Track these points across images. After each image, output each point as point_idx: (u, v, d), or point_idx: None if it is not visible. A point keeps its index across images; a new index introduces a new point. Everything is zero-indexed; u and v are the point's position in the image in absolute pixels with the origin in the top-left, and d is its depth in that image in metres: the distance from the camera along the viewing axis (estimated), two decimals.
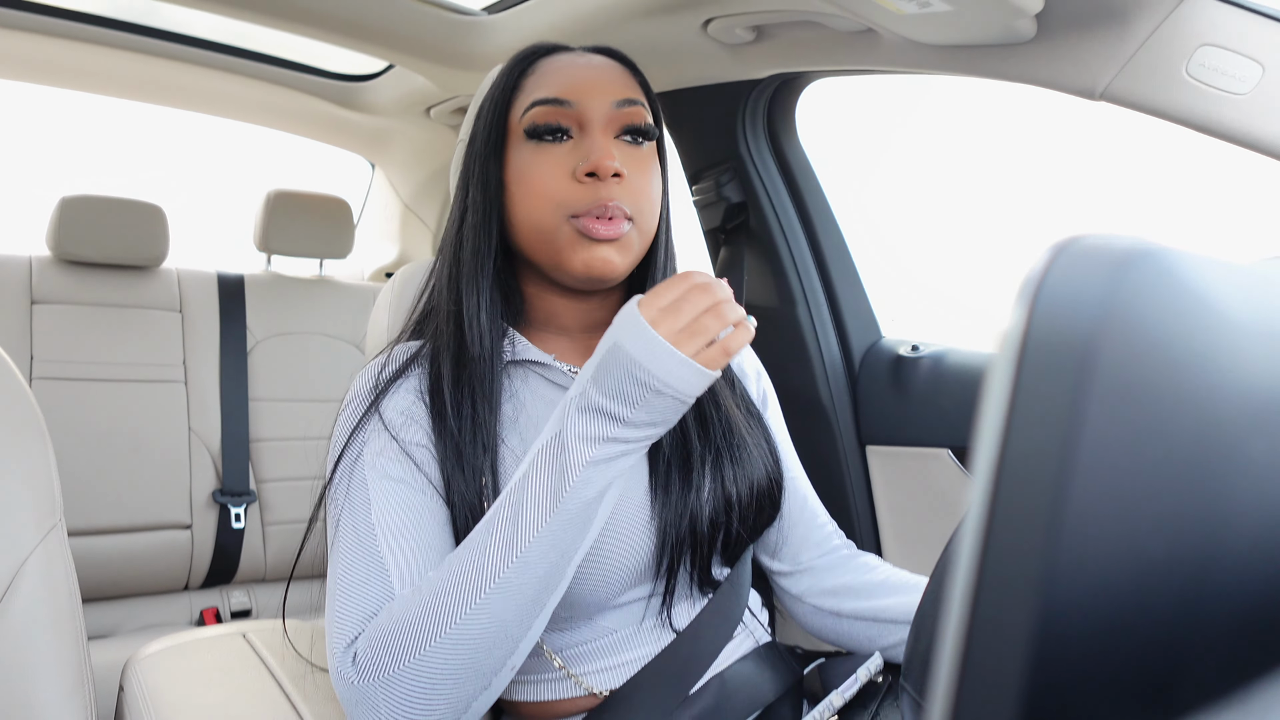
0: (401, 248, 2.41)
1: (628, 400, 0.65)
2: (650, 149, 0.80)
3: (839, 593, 0.90)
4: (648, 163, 0.79)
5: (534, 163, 0.77)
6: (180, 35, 1.75)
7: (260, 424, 1.88)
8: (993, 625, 0.22)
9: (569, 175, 0.75)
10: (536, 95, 0.78)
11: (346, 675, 0.65)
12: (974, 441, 0.24)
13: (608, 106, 0.77)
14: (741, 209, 1.49)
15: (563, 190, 0.75)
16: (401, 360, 0.80)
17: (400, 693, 0.63)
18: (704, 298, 0.66)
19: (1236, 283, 0.25)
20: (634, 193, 0.77)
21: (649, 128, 0.79)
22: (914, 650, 0.60)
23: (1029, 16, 0.91)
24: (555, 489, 0.65)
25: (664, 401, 0.65)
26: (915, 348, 1.38)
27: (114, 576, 1.69)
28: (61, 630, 0.76)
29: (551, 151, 0.77)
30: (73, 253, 1.76)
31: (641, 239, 0.78)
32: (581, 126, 0.77)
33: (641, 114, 0.79)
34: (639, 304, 0.67)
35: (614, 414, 0.65)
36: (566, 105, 0.77)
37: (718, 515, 0.79)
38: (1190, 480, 0.23)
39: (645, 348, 0.65)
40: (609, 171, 0.74)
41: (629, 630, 0.78)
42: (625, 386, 0.65)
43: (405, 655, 0.63)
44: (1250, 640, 0.24)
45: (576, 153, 0.76)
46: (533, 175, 0.76)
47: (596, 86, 0.78)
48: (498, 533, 0.65)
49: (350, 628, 0.67)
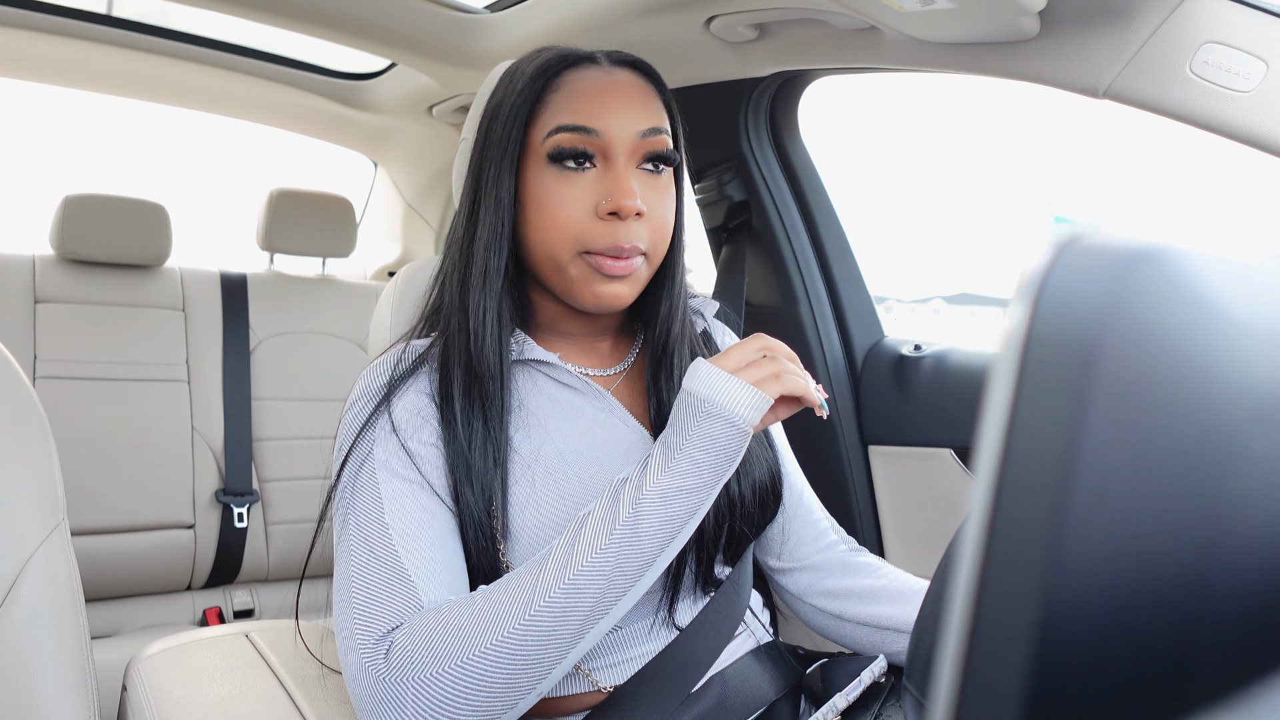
0: (404, 246, 2.41)
1: (683, 431, 0.69)
2: (669, 174, 0.80)
3: (841, 596, 0.90)
4: (666, 191, 0.79)
5: (555, 191, 0.75)
6: (183, 34, 1.75)
7: (263, 423, 1.88)
8: (995, 626, 0.22)
9: (590, 210, 0.75)
10: (562, 119, 0.76)
11: (376, 669, 0.64)
12: (976, 441, 0.24)
13: (633, 136, 0.76)
14: (744, 208, 1.49)
15: (581, 224, 0.75)
16: (412, 359, 0.80)
17: (432, 695, 0.63)
18: (771, 364, 0.70)
19: (1240, 281, 0.25)
20: (652, 227, 0.77)
21: (670, 154, 0.78)
22: (917, 651, 0.60)
23: (1032, 14, 0.91)
24: (610, 518, 0.67)
25: (718, 428, 0.68)
26: (918, 347, 1.38)
27: (117, 576, 1.70)
28: (64, 629, 0.76)
29: (574, 181, 0.75)
30: (76, 252, 1.77)
31: (651, 268, 0.79)
32: (605, 155, 0.76)
33: (665, 142, 0.78)
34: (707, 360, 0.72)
35: (671, 445, 0.69)
36: (592, 134, 0.75)
37: (721, 514, 0.79)
38: (1193, 480, 0.23)
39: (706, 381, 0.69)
40: (630, 212, 0.74)
41: (633, 627, 0.78)
42: (681, 416, 0.69)
43: (448, 657, 0.63)
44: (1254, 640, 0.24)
45: (599, 186, 0.75)
46: (553, 204, 0.75)
47: (623, 112, 0.76)
48: (555, 553, 0.67)
49: (378, 623, 0.66)
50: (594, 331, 0.85)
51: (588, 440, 0.79)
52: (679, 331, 0.84)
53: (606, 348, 0.87)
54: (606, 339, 0.87)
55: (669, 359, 0.83)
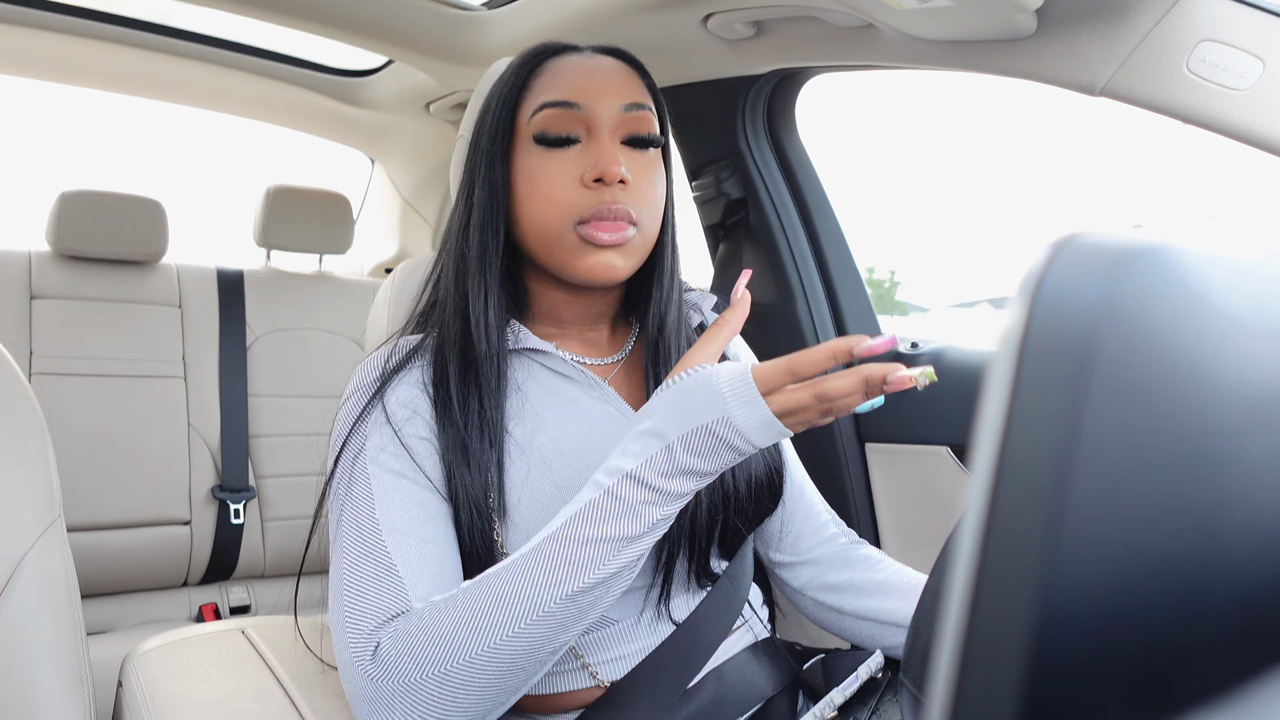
0: (401, 243, 2.40)
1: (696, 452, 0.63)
2: (655, 155, 0.81)
3: (841, 589, 0.90)
4: (653, 169, 0.80)
5: (542, 168, 0.77)
6: (180, 30, 1.74)
7: (259, 420, 1.87)
8: (992, 622, 0.22)
9: (576, 181, 0.76)
10: (545, 97, 0.78)
11: (366, 670, 0.65)
12: (973, 439, 0.24)
13: (616, 110, 0.78)
14: (741, 205, 1.49)
15: (570, 196, 0.76)
16: (405, 351, 0.80)
17: (420, 699, 0.63)
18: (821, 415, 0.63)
19: (1237, 280, 0.25)
20: (638, 198, 0.78)
21: (654, 136, 0.80)
22: (914, 646, 0.60)
23: (1029, 11, 0.91)
24: (626, 535, 0.64)
25: (728, 457, 0.64)
26: (915, 345, 1.38)
27: (113, 572, 1.69)
28: (60, 625, 0.76)
29: (560, 157, 0.77)
30: (72, 248, 1.76)
31: (644, 243, 0.79)
32: (589, 130, 0.78)
33: (649, 120, 0.80)
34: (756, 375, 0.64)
35: (694, 469, 0.64)
36: (575, 108, 0.77)
37: (715, 508, 0.79)
38: (1189, 477, 0.23)
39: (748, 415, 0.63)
40: (615, 178, 0.75)
41: (629, 622, 0.78)
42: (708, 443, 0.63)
43: (431, 665, 0.63)
44: (1250, 638, 0.24)
45: (584, 158, 0.77)
46: (541, 181, 0.77)
47: (605, 89, 0.78)
48: (550, 567, 0.64)
49: (366, 622, 0.67)
50: (590, 319, 0.85)
51: (583, 428, 0.79)
52: (675, 319, 0.84)
53: (603, 337, 0.87)
54: (603, 328, 0.87)
55: (665, 346, 0.83)
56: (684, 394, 0.65)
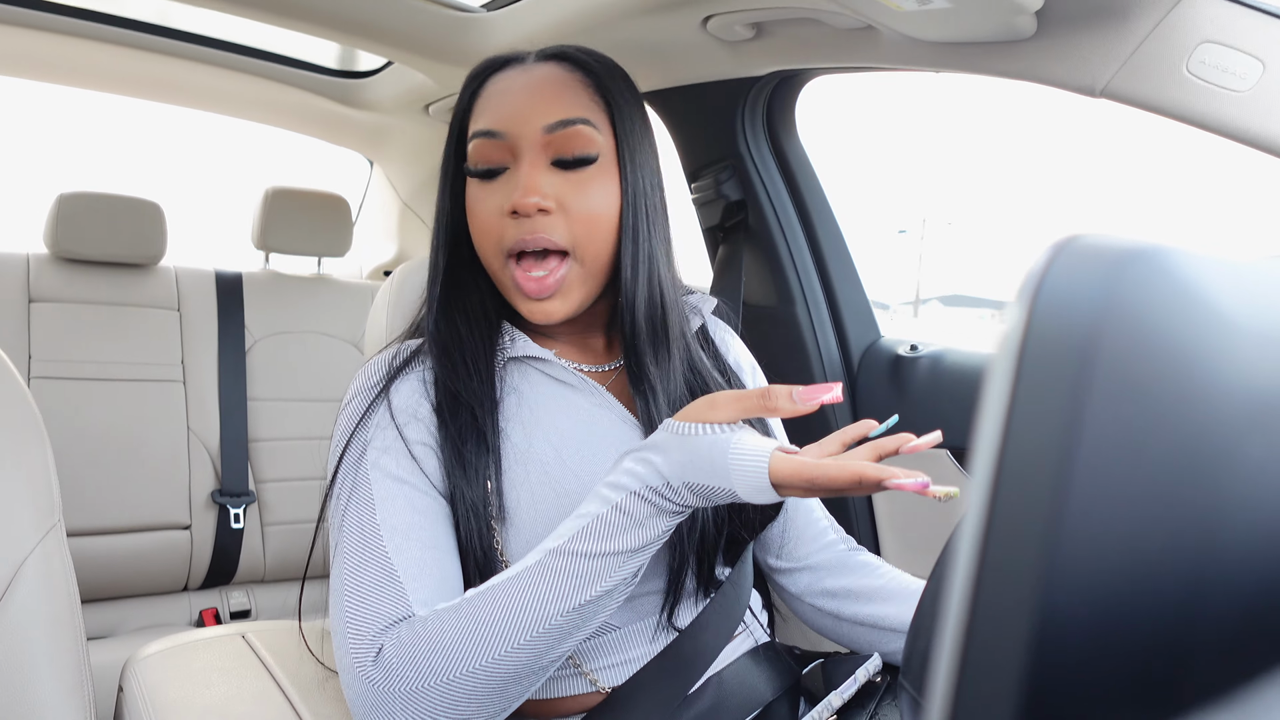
0: (400, 246, 2.40)
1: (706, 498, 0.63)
2: (591, 172, 0.77)
3: (839, 595, 0.90)
4: (590, 184, 0.76)
5: (475, 199, 0.79)
6: (177, 31, 1.74)
7: (259, 424, 1.87)
8: (992, 624, 0.22)
9: (503, 212, 0.76)
10: (476, 125, 0.79)
11: (368, 675, 0.65)
12: (973, 442, 0.24)
13: (537, 133, 0.76)
14: (740, 207, 1.49)
15: (497, 228, 0.76)
16: (405, 356, 0.81)
17: (421, 706, 0.63)
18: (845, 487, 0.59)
19: (1237, 281, 0.25)
20: (570, 221, 0.75)
21: (584, 155, 0.76)
22: (913, 649, 0.60)
23: (1029, 13, 0.91)
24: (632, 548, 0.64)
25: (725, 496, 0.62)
26: (914, 347, 1.38)
27: (113, 577, 1.69)
28: (60, 631, 0.76)
29: (489, 189, 0.77)
30: (70, 250, 1.76)
31: (589, 269, 0.78)
32: (515, 156, 0.77)
33: (577, 137, 0.76)
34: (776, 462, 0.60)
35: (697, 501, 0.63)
36: (498, 137, 0.76)
37: (721, 519, 0.79)
38: (1189, 479, 0.23)
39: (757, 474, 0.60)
40: (528, 210, 0.74)
41: (632, 628, 0.78)
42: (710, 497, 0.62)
43: (434, 674, 0.63)
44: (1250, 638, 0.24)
45: (507, 187, 0.76)
46: (476, 211, 0.78)
47: (528, 110, 0.76)
48: (556, 581, 0.63)
49: (368, 627, 0.67)
50: (585, 328, 0.85)
51: (583, 434, 0.79)
52: (654, 326, 0.80)
53: (600, 344, 0.87)
54: (599, 336, 0.87)
55: (639, 358, 0.80)
56: (696, 454, 0.62)
